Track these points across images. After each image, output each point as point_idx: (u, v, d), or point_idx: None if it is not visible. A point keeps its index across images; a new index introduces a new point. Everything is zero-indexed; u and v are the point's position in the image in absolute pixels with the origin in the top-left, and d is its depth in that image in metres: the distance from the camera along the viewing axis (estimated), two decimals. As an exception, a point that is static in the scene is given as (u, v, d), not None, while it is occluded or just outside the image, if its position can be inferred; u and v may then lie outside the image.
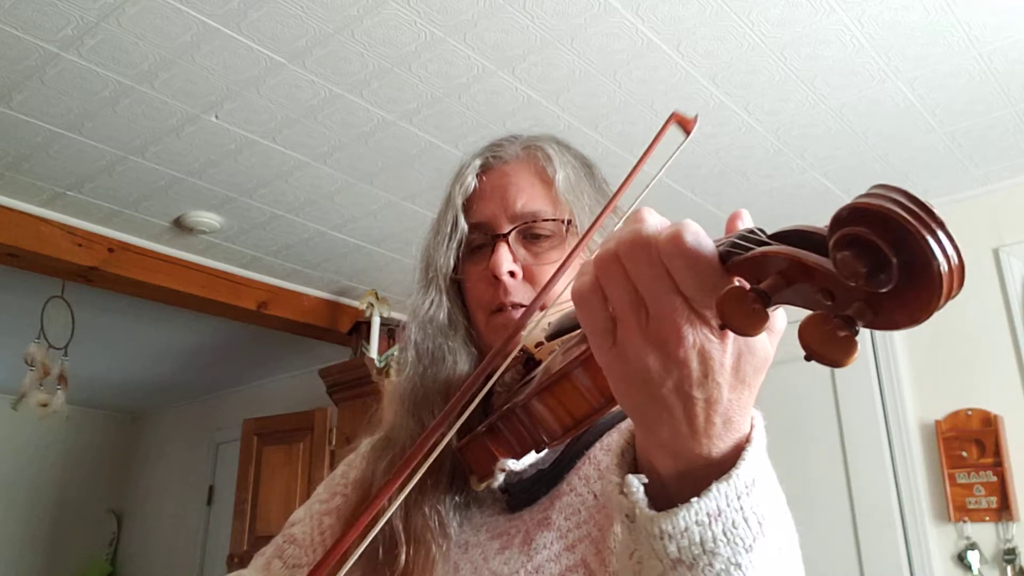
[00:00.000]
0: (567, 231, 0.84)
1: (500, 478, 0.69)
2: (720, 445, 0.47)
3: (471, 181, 0.87)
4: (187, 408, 5.70)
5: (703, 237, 0.43)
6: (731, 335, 0.44)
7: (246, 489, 4.04)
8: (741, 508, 0.46)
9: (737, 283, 0.41)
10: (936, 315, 0.36)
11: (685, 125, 0.71)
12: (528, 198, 0.84)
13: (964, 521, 2.49)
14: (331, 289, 3.68)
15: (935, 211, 0.34)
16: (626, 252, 0.45)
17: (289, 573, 0.86)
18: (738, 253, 0.42)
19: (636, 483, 0.49)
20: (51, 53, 2.00)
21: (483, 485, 0.70)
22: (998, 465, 2.47)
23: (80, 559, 5.65)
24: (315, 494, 0.94)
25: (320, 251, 3.24)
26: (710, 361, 0.44)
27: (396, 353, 3.58)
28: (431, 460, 0.58)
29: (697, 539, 0.46)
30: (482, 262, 0.84)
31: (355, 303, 3.69)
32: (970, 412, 2.56)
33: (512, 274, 0.81)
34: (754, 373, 0.46)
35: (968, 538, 2.47)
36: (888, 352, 2.76)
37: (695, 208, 2.80)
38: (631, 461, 0.52)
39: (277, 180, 2.67)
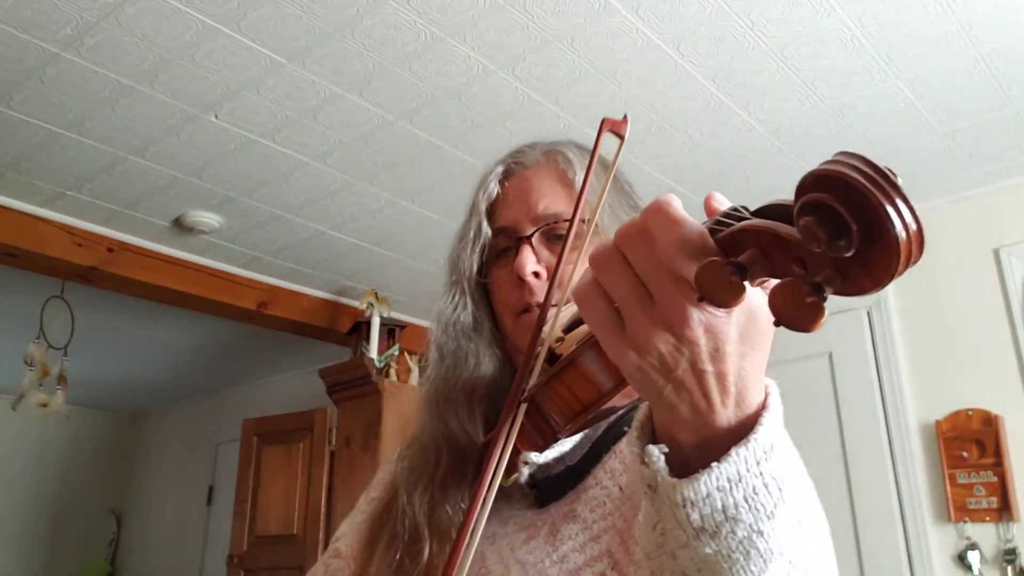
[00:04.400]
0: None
1: (525, 472, 0.70)
2: (737, 414, 0.47)
3: (494, 187, 0.89)
4: (187, 408, 5.70)
5: (687, 216, 0.45)
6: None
7: (246, 489, 4.03)
8: (761, 473, 0.46)
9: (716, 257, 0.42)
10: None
11: (616, 129, 0.73)
12: (550, 200, 0.86)
13: (964, 521, 2.49)
14: (331, 289, 3.67)
15: (895, 178, 0.34)
16: (624, 242, 0.46)
17: None
18: (720, 230, 0.44)
19: (657, 452, 0.49)
20: (51, 53, 2.00)
21: (510, 480, 0.71)
22: (998, 465, 2.47)
23: (80, 559, 5.65)
24: (356, 506, 0.96)
25: (320, 251, 3.24)
26: (717, 334, 0.45)
27: (395, 355, 3.58)
28: (495, 489, 0.60)
29: (719, 505, 0.46)
30: (507, 265, 0.85)
31: (355, 303, 3.69)
32: (970, 412, 2.56)
33: (536, 275, 0.83)
34: (761, 337, 0.47)
35: (968, 538, 2.47)
36: (888, 352, 2.75)
37: (695, 208, 2.78)
38: (650, 433, 0.52)
39: (277, 180, 2.67)
